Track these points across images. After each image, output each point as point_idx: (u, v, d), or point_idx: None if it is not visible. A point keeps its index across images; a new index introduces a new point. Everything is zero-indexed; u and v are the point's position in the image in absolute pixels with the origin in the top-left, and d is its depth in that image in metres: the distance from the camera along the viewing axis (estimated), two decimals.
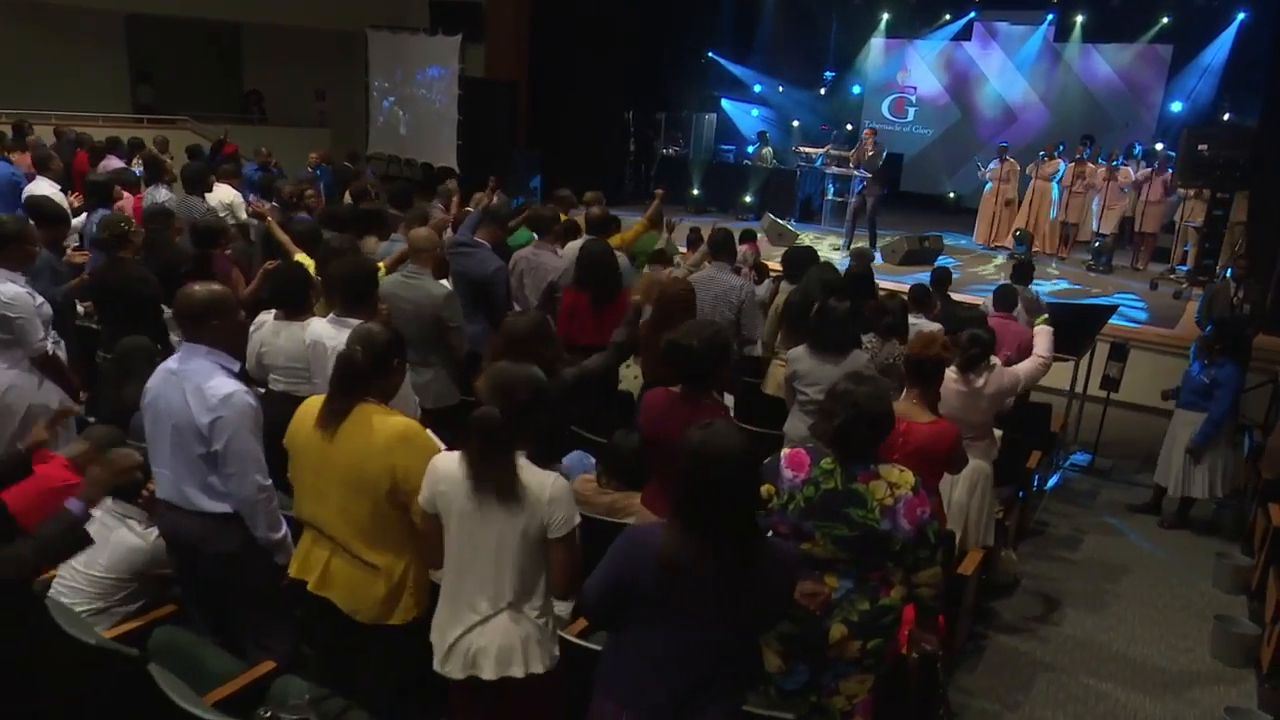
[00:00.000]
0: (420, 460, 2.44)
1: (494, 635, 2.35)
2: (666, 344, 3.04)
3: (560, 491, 2.36)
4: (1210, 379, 5.89)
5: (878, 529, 2.58)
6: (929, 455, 3.43)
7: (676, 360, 2.97)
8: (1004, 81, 16.19)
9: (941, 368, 3.42)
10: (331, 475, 2.54)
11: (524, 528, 2.34)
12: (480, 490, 2.33)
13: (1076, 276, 11.31)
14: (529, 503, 2.33)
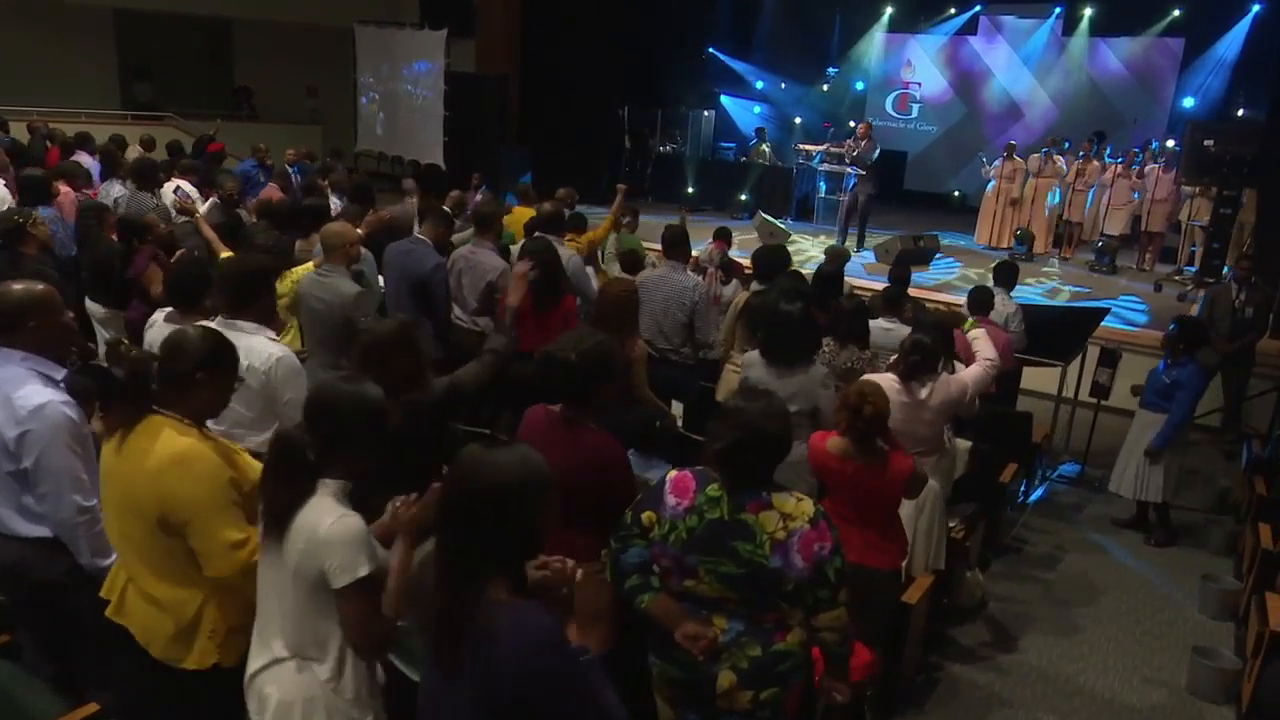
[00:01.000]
0: (194, 488, 2.14)
1: (278, 683, 2.05)
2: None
3: (340, 534, 2.00)
4: (1172, 379, 5.56)
5: (767, 566, 2.26)
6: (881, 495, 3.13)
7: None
8: (1010, 77, 15.77)
9: (878, 421, 3.08)
10: (110, 494, 2.26)
11: (295, 568, 2.03)
12: (264, 518, 2.04)
13: (1077, 278, 10.90)
14: (302, 541, 2.01)
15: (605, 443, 2.67)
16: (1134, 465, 5.74)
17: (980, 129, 16.01)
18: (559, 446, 2.66)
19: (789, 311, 3.94)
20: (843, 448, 3.12)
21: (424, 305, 5.15)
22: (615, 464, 2.66)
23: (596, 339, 2.68)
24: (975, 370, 3.84)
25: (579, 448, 2.63)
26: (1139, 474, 5.70)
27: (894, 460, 3.09)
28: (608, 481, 2.62)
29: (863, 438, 3.50)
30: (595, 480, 2.61)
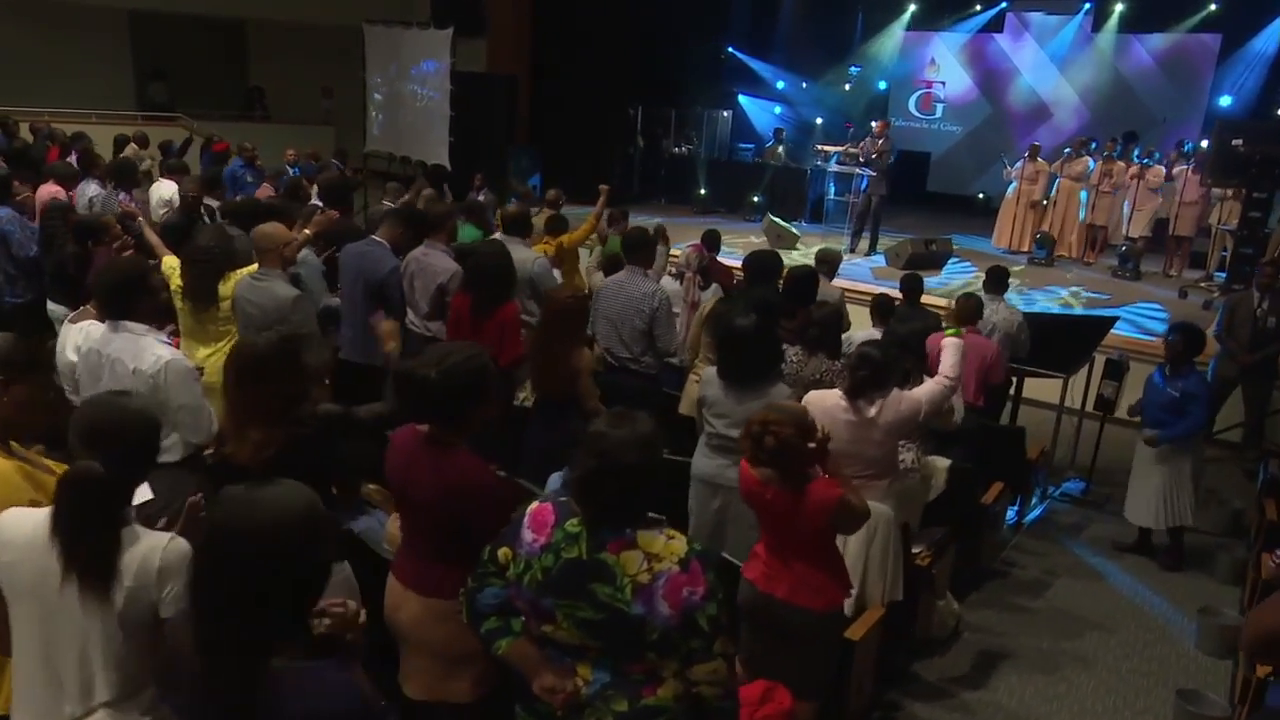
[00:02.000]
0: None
1: None
2: (397, 373, 2.51)
3: (176, 559, 1.84)
4: (1180, 392, 5.18)
5: (628, 613, 2.01)
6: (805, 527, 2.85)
7: (407, 393, 2.41)
8: (1038, 75, 15.26)
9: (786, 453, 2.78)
10: None
11: (123, 611, 1.83)
12: (69, 565, 1.82)
13: (1097, 283, 10.44)
14: (131, 579, 1.82)
15: (471, 466, 2.43)
16: (1152, 492, 5.35)
17: (1006, 129, 15.51)
18: (423, 469, 2.45)
19: (742, 327, 3.67)
20: (765, 474, 2.85)
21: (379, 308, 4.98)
22: (481, 490, 2.42)
23: (467, 355, 2.44)
24: (930, 387, 3.53)
25: (442, 471, 2.40)
26: (1164, 500, 5.31)
27: (815, 489, 2.80)
28: (473, 509, 2.38)
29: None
30: (459, 507, 2.39)
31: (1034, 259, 11.34)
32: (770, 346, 3.72)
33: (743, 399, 3.69)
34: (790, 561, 2.89)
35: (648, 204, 14.79)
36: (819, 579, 2.89)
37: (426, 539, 2.50)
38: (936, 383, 3.53)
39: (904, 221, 14.57)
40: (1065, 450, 6.77)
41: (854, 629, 3.33)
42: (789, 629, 2.92)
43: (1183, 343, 5.32)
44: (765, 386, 3.64)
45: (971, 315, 5.27)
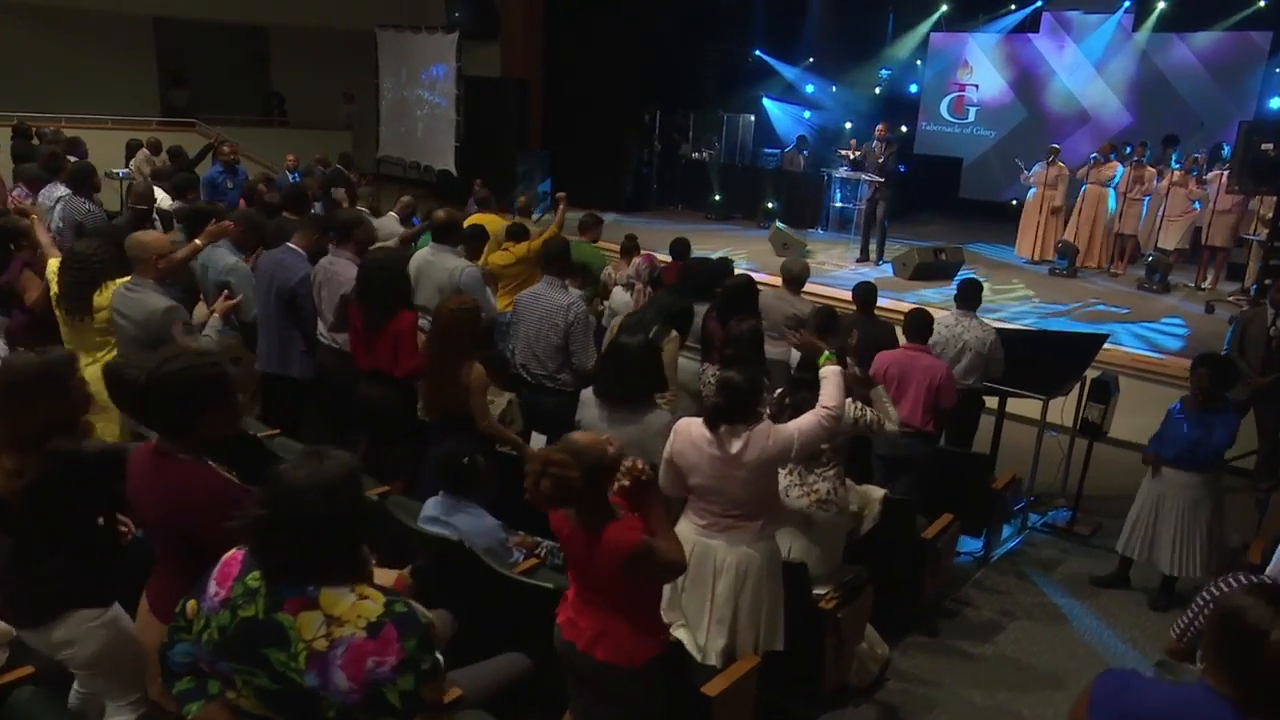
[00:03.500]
0: None
1: None
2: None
3: None
4: (1210, 428, 4.70)
5: (300, 684, 1.74)
6: (602, 572, 2.55)
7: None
8: (1075, 77, 14.54)
9: (573, 496, 2.45)
10: None
11: None
12: None
13: (1119, 296, 9.82)
14: None
15: (195, 474, 2.23)
16: (1170, 535, 4.85)
17: (1042, 133, 14.78)
18: (150, 483, 2.26)
19: (623, 345, 3.39)
20: (578, 518, 2.55)
21: (293, 318, 4.82)
22: (206, 500, 2.19)
23: (191, 360, 2.22)
24: (807, 419, 3.17)
25: (166, 483, 2.23)
26: (1183, 546, 4.83)
27: (610, 532, 2.48)
28: (198, 522, 2.19)
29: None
30: (183, 520, 2.24)
31: (1055, 269, 10.76)
32: (652, 368, 3.43)
33: (617, 423, 3.42)
34: (591, 609, 2.59)
35: (664, 210, 14.53)
36: (621, 631, 2.57)
37: (167, 557, 2.31)
38: (813, 415, 3.17)
39: (932, 230, 14.07)
40: (1052, 476, 6.29)
41: (713, 684, 3.01)
42: (591, 682, 2.63)
43: (1209, 377, 4.75)
44: (642, 412, 3.36)
45: (919, 331, 4.88)
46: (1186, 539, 4.76)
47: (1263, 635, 1.67)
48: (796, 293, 6.14)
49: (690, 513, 3.25)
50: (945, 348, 5.51)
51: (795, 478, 3.92)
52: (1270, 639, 1.67)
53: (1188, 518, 4.76)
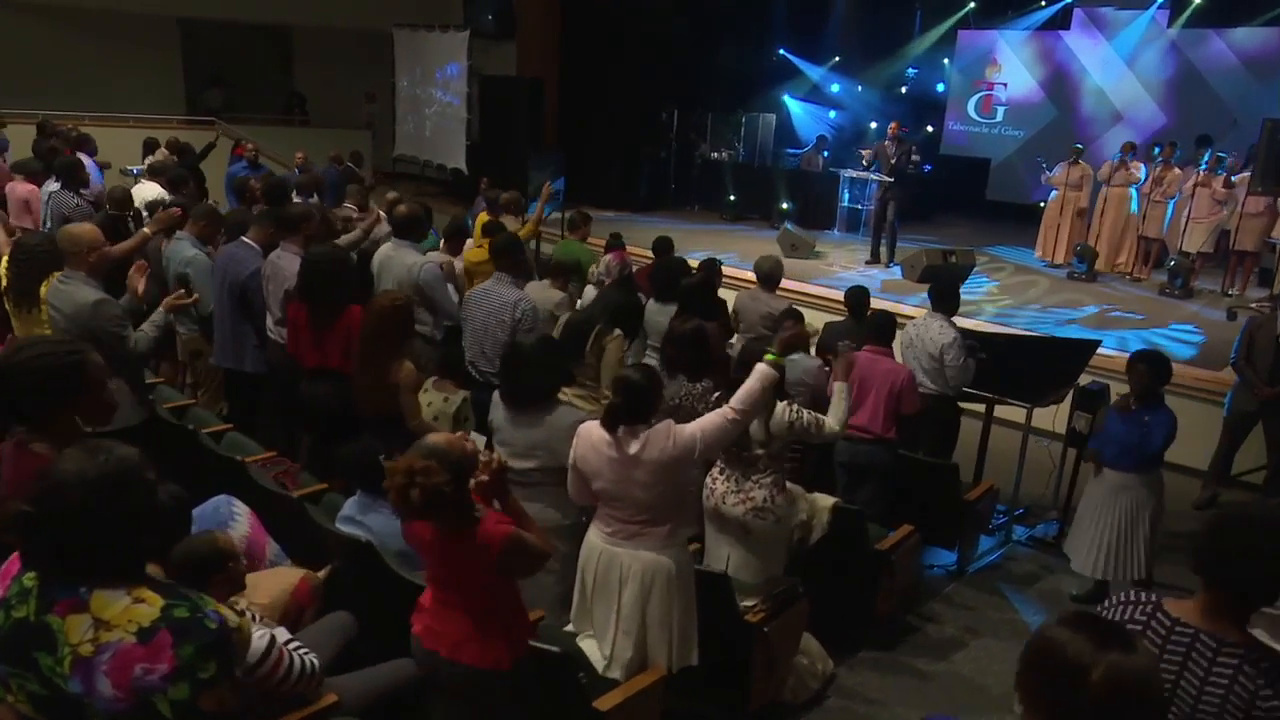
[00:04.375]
0: None
1: None
2: None
3: None
4: (1145, 426, 4.52)
5: (65, 690, 1.66)
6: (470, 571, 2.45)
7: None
8: (1107, 74, 14.09)
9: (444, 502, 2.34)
10: None
11: None
12: None
13: (1136, 302, 9.45)
14: None
15: (32, 466, 2.16)
16: (1099, 539, 4.70)
17: (1073, 133, 14.30)
18: (7, 473, 2.21)
19: (519, 344, 3.30)
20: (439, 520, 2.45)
21: (245, 313, 4.80)
22: None
23: (44, 349, 2.17)
24: (711, 419, 3.02)
25: (17, 476, 2.18)
26: (1110, 549, 4.65)
27: (480, 529, 2.37)
28: None
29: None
30: None
31: (1073, 273, 10.40)
32: (552, 368, 3.32)
33: (521, 424, 3.32)
34: (454, 612, 2.49)
35: (680, 211, 14.39)
36: (487, 634, 2.47)
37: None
38: (718, 415, 3.02)
39: (955, 231, 13.77)
40: (1041, 485, 6.05)
41: (607, 698, 2.88)
42: (459, 690, 2.52)
43: (1149, 373, 4.62)
44: (545, 411, 3.25)
45: (880, 334, 4.69)
46: (1127, 541, 4.54)
47: (1083, 673, 1.49)
48: (771, 291, 5.98)
49: (597, 520, 3.13)
50: (908, 350, 5.32)
51: (732, 484, 3.78)
52: (1092, 678, 1.48)
53: (1127, 520, 4.56)
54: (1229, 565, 2.05)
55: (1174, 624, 2.13)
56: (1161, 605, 2.19)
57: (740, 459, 3.76)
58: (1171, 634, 2.13)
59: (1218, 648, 2.05)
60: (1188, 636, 2.10)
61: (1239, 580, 2.05)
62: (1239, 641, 2.05)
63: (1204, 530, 2.10)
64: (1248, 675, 2.01)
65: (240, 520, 3.67)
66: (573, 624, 3.22)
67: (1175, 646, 2.12)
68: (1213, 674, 2.05)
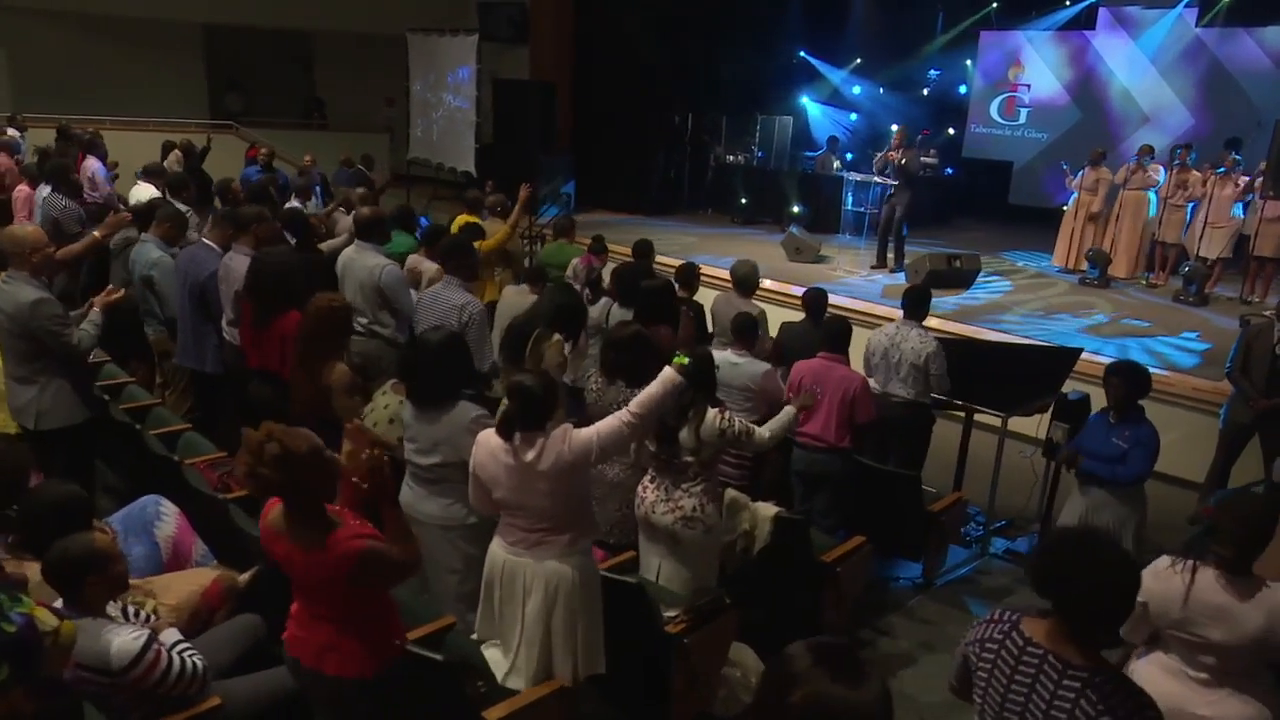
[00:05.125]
0: None
1: None
2: None
3: None
4: (1125, 442, 4.30)
5: None
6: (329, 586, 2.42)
7: None
8: (1134, 75, 13.70)
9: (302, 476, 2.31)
10: None
11: None
12: None
13: (1144, 309, 9.16)
14: None
15: None
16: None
17: (1098, 135, 13.95)
18: None
19: (426, 340, 3.27)
20: (277, 521, 2.42)
21: (204, 313, 4.85)
22: None
23: None
24: (608, 423, 2.95)
25: None
26: None
27: (334, 541, 2.34)
28: None
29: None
30: None
31: (1085, 279, 10.13)
32: (455, 366, 3.30)
33: (424, 421, 3.30)
34: (317, 621, 2.46)
35: (692, 214, 14.30)
36: (350, 643, 2.44)
37: None
38: (616, 418, 2.96)
39: (974, 236, 13.54)
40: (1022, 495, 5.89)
41: (496, 709, 2.83)
42: (322, 699, 2.49)
43: (1124, 385, 4.41)
44: (445, 410, 3.24)
45: (835, 341, 4.58)
46: None
47: (789, 689, 1.40)
48: (746, 296, 5.90)
49: (499, 531, 3.09)
50: (884, 358, 5.19)
51: (662, 493, 3.72)
52: (792, 698, 1.40)
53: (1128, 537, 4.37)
54: (1064, 588, 1.98)
55: (1026, 644, 2.07)
56: (1018, 624, 2.12)
57: (671, 467, 3.70)
58: (1023, 654, 2.07)
59: (1063, 669, 1.99)
60: (1037, 658, 2.04)
61: (1076, 604, 1.98)
62: (1084, 665, 1.99)
63: (1040, 550, 2.03)
64: (1089, 700, 1.95)
65: (167, 520, 3.70)
66: (478, 632, 3.18)
67: (1025, 668, 2.05)
68: (1058, 697, 1.99)
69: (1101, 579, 1.95)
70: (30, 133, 11.18)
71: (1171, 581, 2.68)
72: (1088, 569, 1.95)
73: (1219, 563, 2.63)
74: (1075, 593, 1.97)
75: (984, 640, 2.15)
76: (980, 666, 2.15)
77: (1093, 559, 1.97)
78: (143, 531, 3.59)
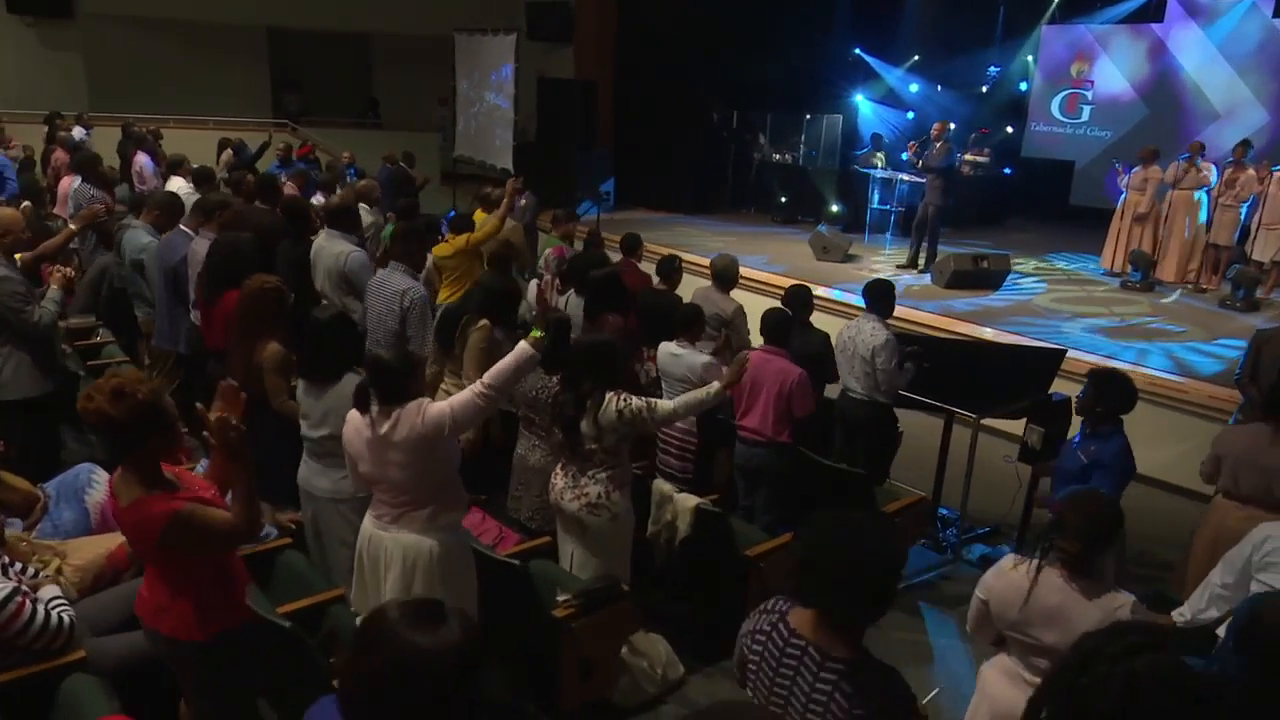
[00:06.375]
0: None
1: None
2: None
3: None
4: (1090, 458, 3.99)
5: None
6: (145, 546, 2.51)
7: None
8: (1204, 69, 12.99)
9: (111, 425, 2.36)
10: None
11: None
12: None
13: (1184, 313, 8.67)
14: None
15: None
16: None
17: (1166, 133, 13.25)
18: None
19: (315, 318, 3.35)
20: (120, 485, 2.51)
21: (178, 296, 5.07)
22: None
23: None
24: (462, 395, 2.97)
25: None
26: None
27: (145, 502, 2.41)
28: None
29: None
30: None
31: (1127, 282, 9.65)
32: (343, 344, 3.37)
33: (312, 395, 3.40)
34: (155, 581, 2.55)
35: (734, 213, 14.19)
36: (184, 605, 2.51)
37: None
38: (470, 392, 2.98)
39: (1026, 237, 13.14)
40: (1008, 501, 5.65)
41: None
42: (168, 660, 2.59)
43: (1092, 392, 4.05)
44: (333, 384, 3.31)
45: (774, 333, 4.48)
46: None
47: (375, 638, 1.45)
48: (724, 291, 5.83)
49: (370, 505, 3.14)
50: (842, 353, 5.06)
51: (569, 480, 3.73)
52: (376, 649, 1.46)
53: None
54: (818, 578, 1.91)
55: (790, 634, 2.01)
56: (786, 615, 2.06)
57: (577, 454, 3.70)
58: (788, 645, 2.01)
59: (822, 661, 1.93)
60: (799, 649, 1.98)
61: (830, 594, 1.91)
62: (842, 657, 1.93)
63: (797, 540, 1.97)
64: (843, 693, 1.89)
65: (98, 487, 3.88)
66: (353, 604, 3.24)
67: (789, 659, 2.00)
68: (816, 689, 1.93)
69: (854, 568, 1.88)
70: (96, 131, 11.87)
71: (1013, 580, 2.55)
72: (840, 558, 1.88)
73: (1064, 563, 2.49)
74: (828, 583, 1.91)
75: (754, 631, 2.09)
76: (750, 659, 2.09)
77: (845, 547, 1.89)
78: (74, 497, 3.78)
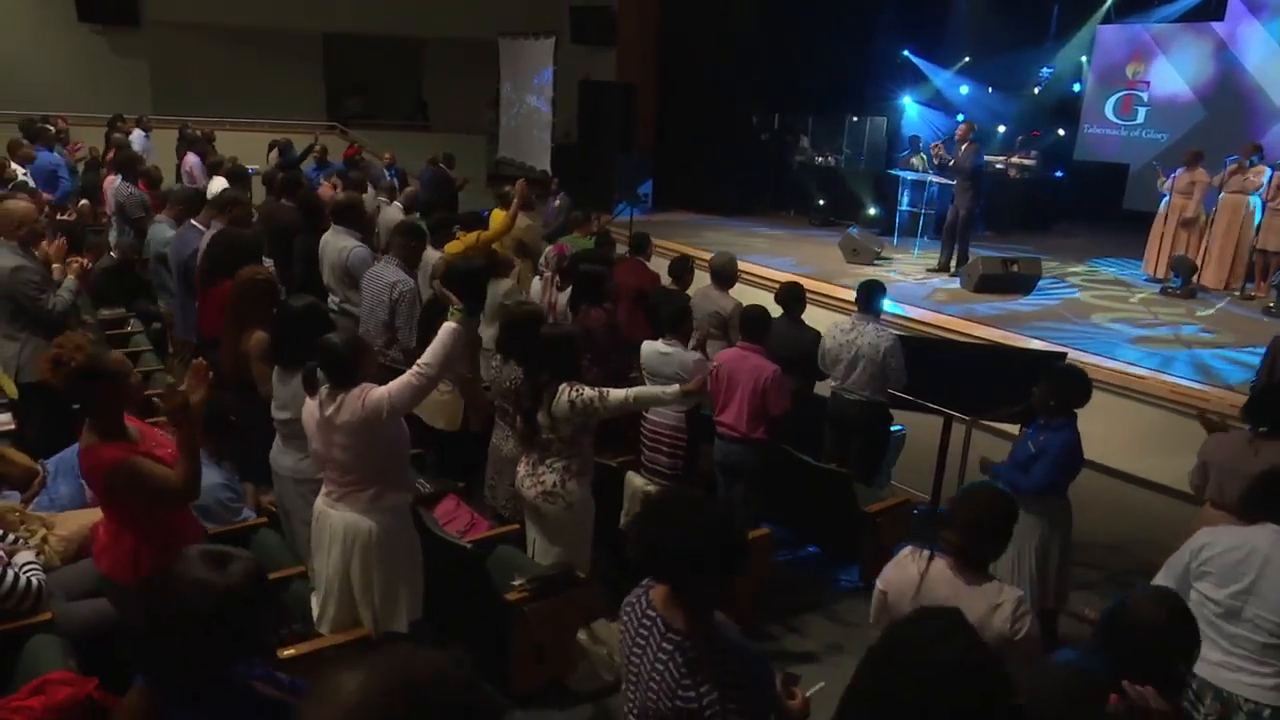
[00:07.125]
0: None
1: None
2: None
3: None
4: (1037, 447, 3.97)
5: None
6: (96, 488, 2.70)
7: None
8: (1266, 69, 12.47)
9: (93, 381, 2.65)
10: None
11: None
12: None
13: (1222, 320, 8.38)
14: None
15: None
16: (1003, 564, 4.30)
17: (1224, 135, 12.72)
18: None
19: (287, 307, 3.51)
20: (84, 435, 2.74)
21: (191, 288, 5.32)
22: None
23: None
24: (400, 380, 3.08)
25: None
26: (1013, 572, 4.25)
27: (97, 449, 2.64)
28: None
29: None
30: None
31: (1168, 288, 9.35)
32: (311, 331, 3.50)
33: (283, 380, 3.55)
34: (105, 522, 2.79)
35: (775, 215, 14.15)
36: (123, 547, 2.76)
37: None
38: (408, 375, 3.10)
39: (1073, 241, 12.91)
40: None
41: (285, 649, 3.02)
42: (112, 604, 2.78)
43: (1047, 389, 4.04)
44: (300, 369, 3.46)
45: (752, 330, 4.50)
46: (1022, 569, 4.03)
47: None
48: (723, 289, 5.87)
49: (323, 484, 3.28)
50: (838, 355, 5.05)
51: (529, 468, 3.82)
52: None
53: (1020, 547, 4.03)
54: (650, 554, 1.98)
55: (648, 606, 2.08)
56: (649, 589, 2.12)
57: (536, 443, 3.79)
58: (644, 617, 2.08)
59: (664, 632, 1.99)
60: (650, 620, 2.05)
61: (661, 568, 1.97)
62: (682, 630, 1.98)
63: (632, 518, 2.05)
64: (675, 664, 1.95)
65: None
66: (312, 579, 3.38)
67: (644, 630, 2.07)
68: (658, 659, 1.99)
69: (679, 544, 1.93)
70: (156, 133, 12.43)
71: (908, 571, 2.56)
72: (668, 534, 1.94)
73: (953, 554, 2.49)
74: (659, 558, 1.97)
75: (627, 603, 2.16)
76: (624, 630, 2.15)
77: (671, 524, 1.95)
78: (70, 473, 4.00)
